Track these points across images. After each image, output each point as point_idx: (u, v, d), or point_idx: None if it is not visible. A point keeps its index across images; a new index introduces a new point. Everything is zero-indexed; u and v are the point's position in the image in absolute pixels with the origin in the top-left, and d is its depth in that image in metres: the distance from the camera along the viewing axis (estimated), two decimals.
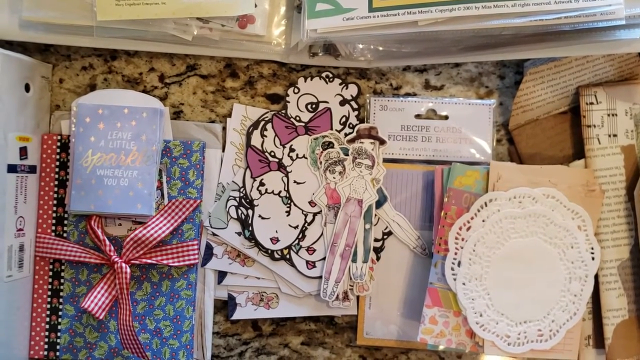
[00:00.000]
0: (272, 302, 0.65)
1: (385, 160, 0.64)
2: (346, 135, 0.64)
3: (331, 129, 0.65)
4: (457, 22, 0.55)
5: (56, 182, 0.63)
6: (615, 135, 0.62)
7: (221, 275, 0.65)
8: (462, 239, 0.60)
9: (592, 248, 0.60)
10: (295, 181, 0.64)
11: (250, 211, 0.64)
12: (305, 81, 0.65)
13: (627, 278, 0.62)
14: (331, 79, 0.65)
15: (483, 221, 0.60)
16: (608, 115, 0.62)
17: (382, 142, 0.64)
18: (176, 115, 0.66)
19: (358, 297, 0.65)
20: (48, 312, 0.63)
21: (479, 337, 0.60)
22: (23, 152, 0.60)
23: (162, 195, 0.63)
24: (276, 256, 0.64)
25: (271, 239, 0.64)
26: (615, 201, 0.62)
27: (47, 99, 0.65)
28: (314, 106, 0.65)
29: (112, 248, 0.61)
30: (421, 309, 0.61)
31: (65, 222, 0.63)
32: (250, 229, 0.64)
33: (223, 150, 0.65)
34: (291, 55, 0.63)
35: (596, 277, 0.61)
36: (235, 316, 0.65)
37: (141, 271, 0.63)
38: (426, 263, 0.64)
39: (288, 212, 0.64)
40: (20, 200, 0.60)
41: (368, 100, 0.65)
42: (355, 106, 0.65)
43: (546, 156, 0.64)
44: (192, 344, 0.63)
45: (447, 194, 0.61)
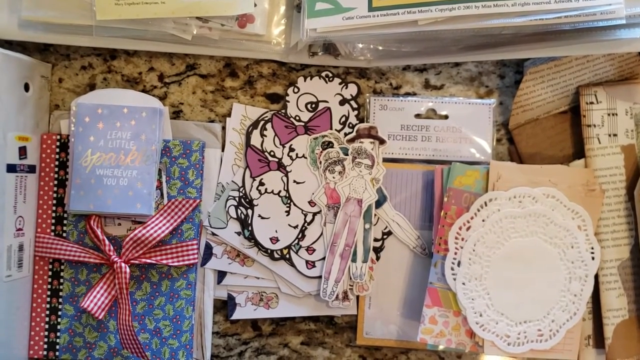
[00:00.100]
0: (272, 302, 0.65)
1: (385, 160, 0.64)
2: (346, 134, 0.64)
3: (331, 129, 0.64)
4: (457, 22, 0.55)
5: (55, 182, 0.63)
6: (615, 134, 0.62)
7: (221, 275, 0.64)
8: (462, 239, 0.60)
9: (592, 248, 0.60)
10: (294, 181, 0.64)
11: (249, 211, 0.64)
12: (304, 81, 0.65)
13: (627, 278, 0.61)
14: (331, 79, 0.65)
15: (483, 221, 0.60)
16: (608, 114, 0.62)
17: (382, 142, 0.64)
18: (176, 114, 0.66)
19: (358, 297, 0.65)
20: (47, 312, 0.63)
21: (479, 337, 0.60)
22: (22, 152, 0.60)
23: (162, 195, 0.63)
24: (276, 256, 0.64)
25: (271, 239, 0.64)
26: (615, 201, 0.61)
27: (47, 99, 0.65)
28: (314, 106, 0.65)
29: (112, 248, 0.61)
30: (421, 309, 0.61)
31: (64, 222, 0.63)
32: (249, 229, 0.64)
33: (222, 150, 0.65)
34: (291, 54, 0.63)
35: (596, 277, 0.61)
36: (234, 316, 0.65)
37: (140, 271, 0.63)
38: (426, 263, 0.64)
39: (288, 212, 0.64)
40: (19, 200, 0.60)
41: (368, 99, 0.65)
42: (355, 106, 0.65)
43: (546, 156, 0.64)
44: (192, 344, 0.63)
45: (447, 194, 0.61)
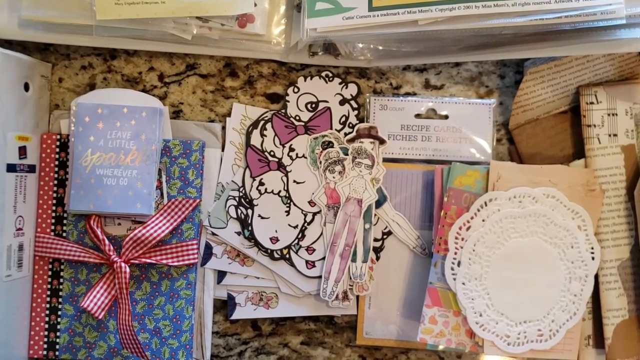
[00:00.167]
0: (272, 302, 0.65)
1: (385, 159, 0.64)
2: (346, 134, 0.64)
3: (331, 129, 0.64)
4: (457, 22, 0.55)
5: (55, 182, 0.63)
6: (615, 134, 0.62)
7: (221, 274, 0.64)
8: (462, 239, 0.60)
9: (592, 248, 0.60)
10: (294, 181, 0.64)
11: (249, 211, 0.64)
12: (304, 80, 0.65)
13: (627, 278, 0.61)
14: (331, 79, 0.65)
15: (483, 221, 0.60)
16: (608, 114, 0.62)
17: (382, 142, 0.64)
18: (176, 114, 0.66)
19: (358, 297, 0.65)
20: (47, 312, 0.63)
21: (479, 337, 0.60)
22: (22, 152, 0.60)
23: (162, 194, 0.63)
24: (276, 256, 0.64)
25: (271, 239, 0.64)
26: (615, 201, 0.61)
27: (47, 98, 0.65)
28: (314, 106, 0.65)
29: (112, 247, 0.61)
30: (421, 309, 0.61)
31: (64, 222, 0.63)
32: (249, 229, 0.64)
33: (222, 149, 0.65)
34: (291, 54, 0.63)
35: (596, 277, 0.61)
36: (234, 316, 0.65)
37: (140, 271, 0.63)
38: (426, 263, 0.64)
39: (288, 212, 0.64)
40: (19, 199, 0.60)
41: (368, 99, 0.65)
42: (355, 106, 0.65)
43: (546, 156, 0.64)
44: (192, 344, 0.63)
45: (447, 194, 0.61)
